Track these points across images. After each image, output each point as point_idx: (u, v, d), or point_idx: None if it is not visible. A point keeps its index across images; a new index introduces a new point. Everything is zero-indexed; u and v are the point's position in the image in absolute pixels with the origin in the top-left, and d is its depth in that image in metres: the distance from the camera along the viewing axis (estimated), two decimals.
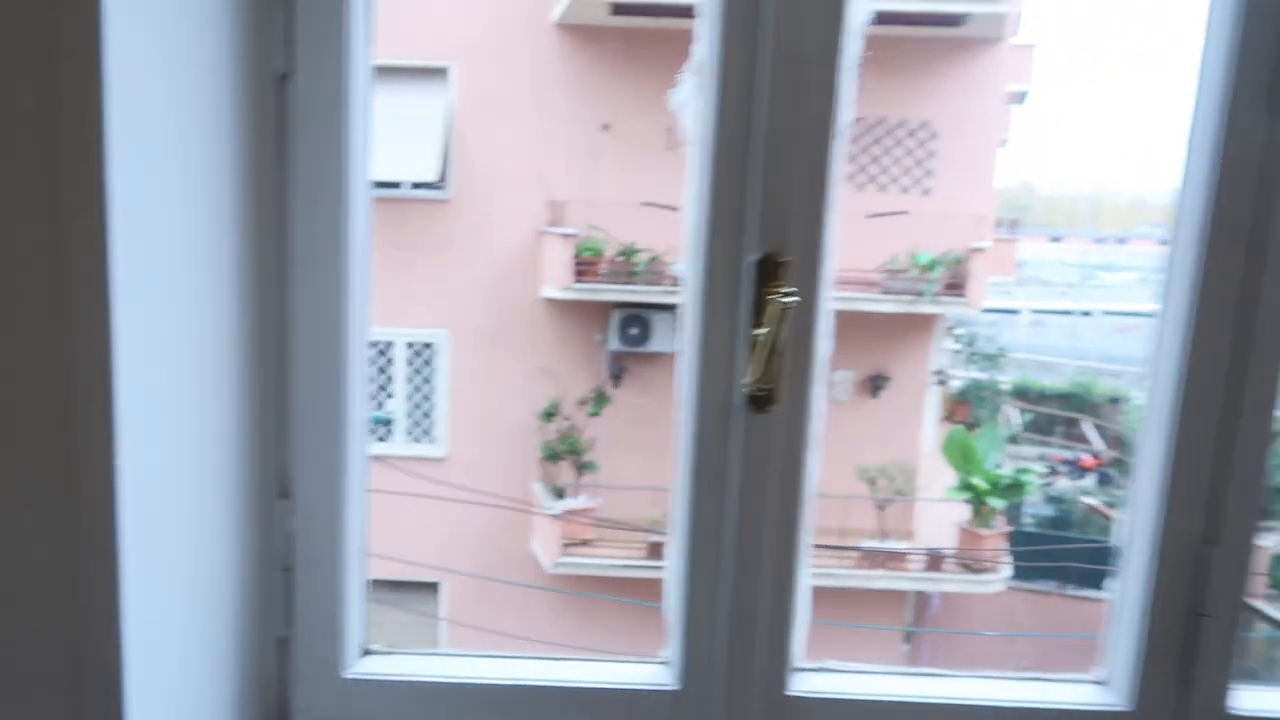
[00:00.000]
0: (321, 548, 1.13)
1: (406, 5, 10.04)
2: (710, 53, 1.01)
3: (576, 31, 10.01)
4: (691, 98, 1.02)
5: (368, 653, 1.21)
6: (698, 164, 1.03)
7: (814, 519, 1.12)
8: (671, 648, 1.17)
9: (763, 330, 1.00)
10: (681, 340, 1.08)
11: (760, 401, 1.04)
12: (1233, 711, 1.14)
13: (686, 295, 1.07)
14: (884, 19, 9.50)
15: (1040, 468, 14.41)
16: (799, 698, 1.16)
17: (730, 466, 1.08)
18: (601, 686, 1.16)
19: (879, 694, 1.18)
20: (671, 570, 1.16)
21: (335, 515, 1.12)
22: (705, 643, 1.14)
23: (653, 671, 1.18)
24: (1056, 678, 1.20)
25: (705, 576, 1.13)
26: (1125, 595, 1.14)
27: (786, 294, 0.99)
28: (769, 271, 1.02)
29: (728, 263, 1.04)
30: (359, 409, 1.13)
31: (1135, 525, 1.13)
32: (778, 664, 1.15)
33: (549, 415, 10.00)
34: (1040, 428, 19.74)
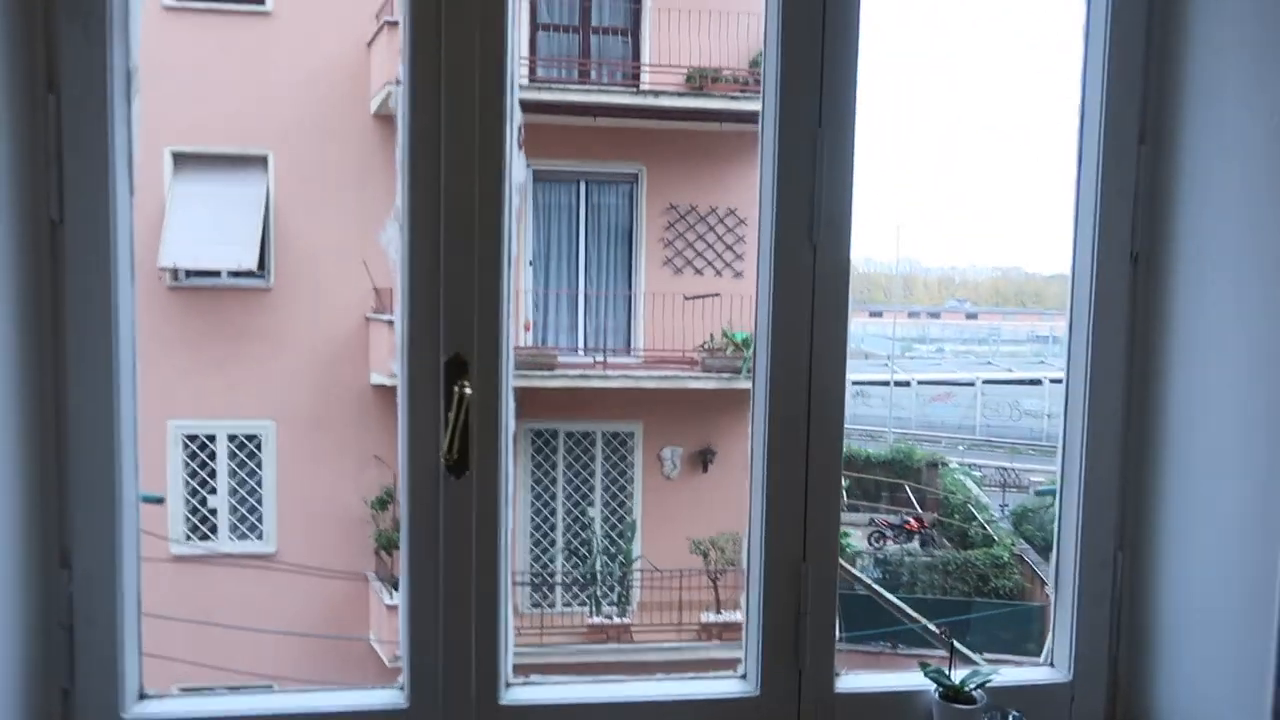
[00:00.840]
0: (99, 607, 1.35)
1: (224, 93, 10.11)
2: (403, 202, 1.34)
3: (393, 122, 10.30)
4: (394, 237, 1.35)
5: (144, 696, 1.41)
6: (402, 287, 1.35)
7: (516, 562, 1.43)
8: (402, 674, 1.44)
9: (452, 413, 1.32)
10: (399, 421, 1.38)
11: (456, 469, 1.35)
12: (839, 690, 1.50)
13: (399, 389, 1.37)
14: (692, 115, 10.29)
15: (859, 533, 15.29)
16: (509, 706, 1.45)
17: (438, 521, 1.38)
18: (340, 710, 1.41)
19: (574, 698, 1.48)
20: (400, 609, 1.43)
21: (111, 579, 1.35)
22: (429, 667, 1.42)
23: (388, 695, 1.45)
24: (711, 676, 1.53)
25: (425, 613, 1.41)
26: (749, 606, 1.50)
27: (467, 385, 1.31)
28: (457, 368, 1.34)
29: (426, 362, 1.35)
30: (130, 487, 1.37)
31: (751, 551, 1.49)
32: (489, 681, 1.44)
33: (383, 503, 9.97)
34: (868, 494, 20.90)
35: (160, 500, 8.99)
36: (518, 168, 1.36)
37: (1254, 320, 1.36)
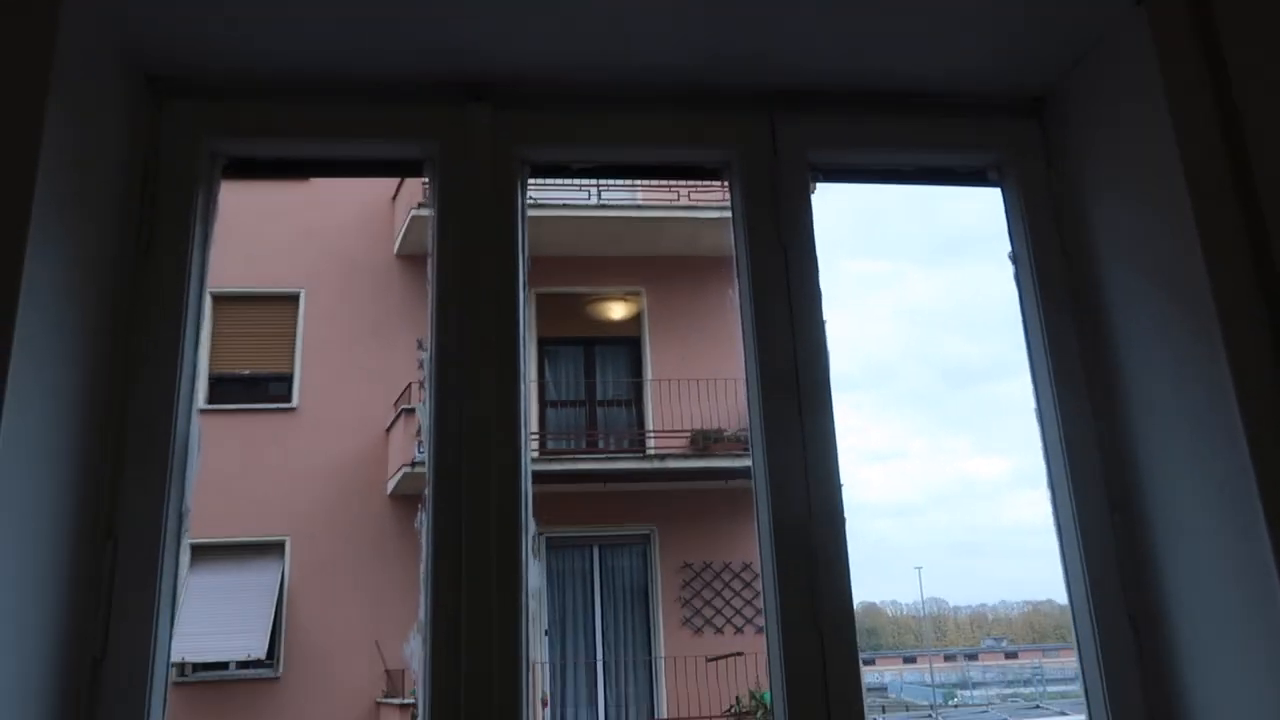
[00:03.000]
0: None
1: (246, 484, 10.50)
2: (425, 614, 1.42)
3: (408, 503, 10.63)
4: (416, 649, 1.41)
5: None
6: (423, 698, 1.39)
7: None
8: None
9: None
10: None
11: None
12: None
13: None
14: (698, 475, 10.61)
15: None
16: None
17: None
18: None
19: None
20: None
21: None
22: None
23: None
24: None
25: None
26: None
27: None
28: None
29: None
30: None
31: None
32: None
33: None
34: None
35: None
36: (534, 574, 1.45)
37: (1262, 677, 1.37)
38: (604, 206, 11.52)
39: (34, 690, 1.25)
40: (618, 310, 11.92)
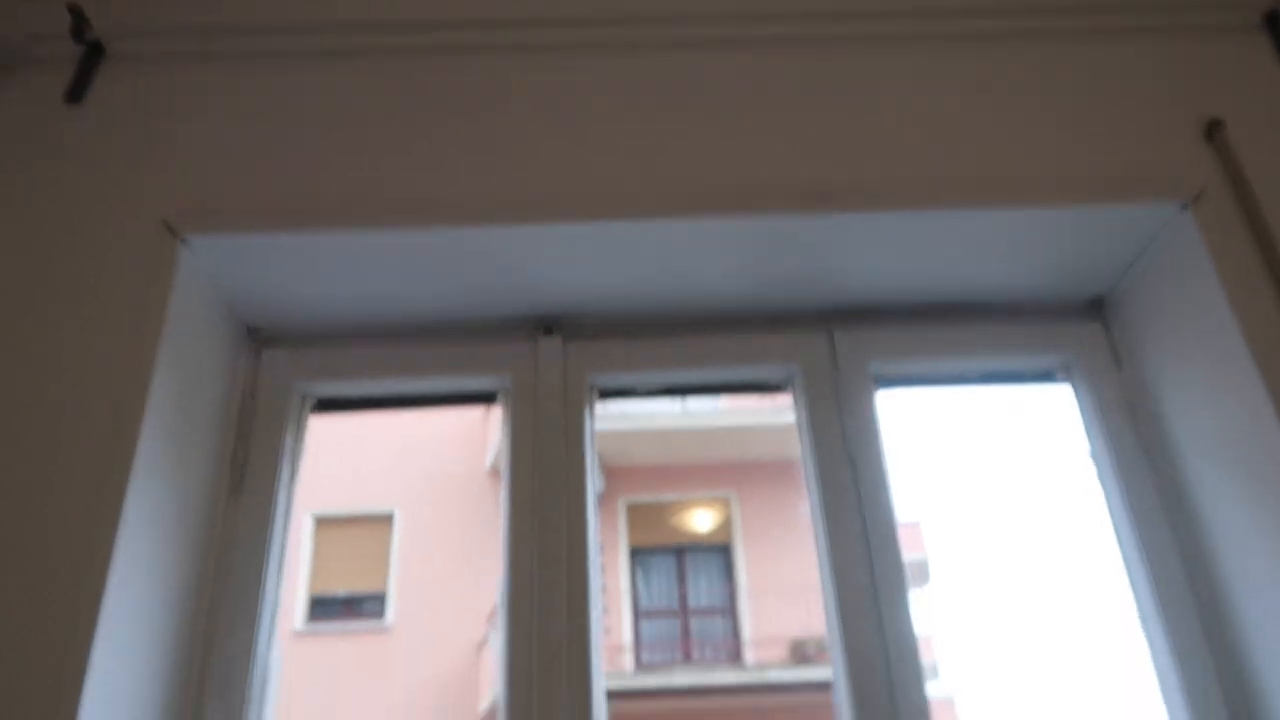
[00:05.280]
0: None
1: (343, 703, 10.38)
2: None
3: None
4: None
5: None
6: None
7: None
8: None
9: None
10: None
11: None
12: None
13: None
14: (799, 689, 10.05)
15: None
16: None
17: None
18: None
19: None
20: None
21: None
22: None
23: None
24: None
25: None
26: None
27: None
28: None
29: None
30: None
31: None
32: None
33: None
34: None
35: None
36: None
37: None
38: (690, 415, 11.66)
39: None
40: (704, 520, 11.80)
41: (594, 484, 1.69)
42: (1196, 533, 1.63)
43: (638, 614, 11.41)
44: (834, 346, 1.80)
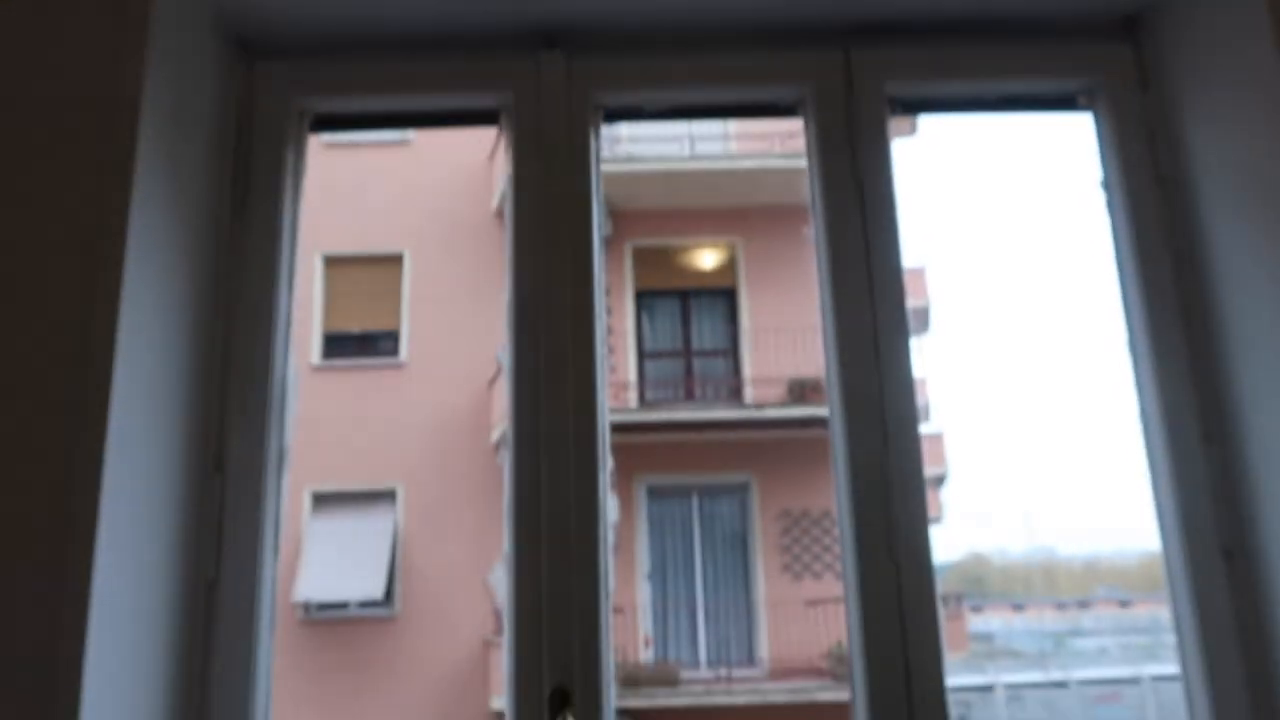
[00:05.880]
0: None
1: (361, 435, 10.96)
2: (510, 546, 1.48)
3: None
4: (501, 578, 1.48)
5: None
6: (508, 624, 1.46)
7: None
8: None
9: None
10: None
11: None
12: None
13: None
14: (795, 424, 10.57)
15: None
16: None
17: None
18: None
19: None
20: None
21: None
22: None
23: None
24: None
25: None
26: None
27: (570, 716, 1.38)
28: (561, 699, 1.41)
29: (532, 695, 1.43)
30: None
31: None
32: None
33: None
34: None
35: None
36: (611, 508, 1.51)
37: None
38: (697, 158, 11.44)
39: (155, 610, 1.37)
40: (709, 258, 11.88)
41: (599, 208, 1.68)
42: (1198, 262, 1.64)
43: (643, 355, 11.78)
44: (849, 66, 1.73)
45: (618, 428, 10.44)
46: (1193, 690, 1.56)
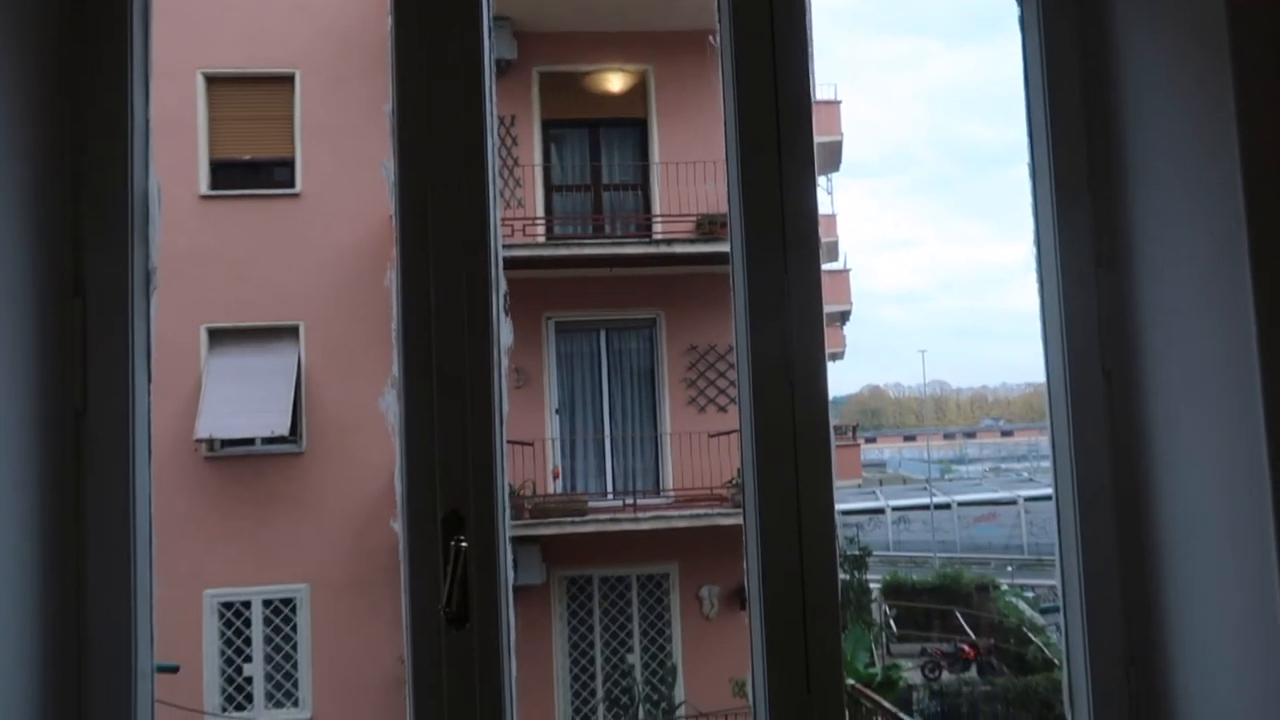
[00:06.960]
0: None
1: (258, 270, 10.58)
2: (399, 371, 1.43)
3: None
4: (391, 403, 1.44)
5: None
6: (400, 449, 1.43)
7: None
8: None
9: (449, 567, 1.37)
10: (401, 577, 1.44)
11: (457, 621, 1.39)
12: None
13: (400, 545, 1.43)
14: (703, 260, 10.60)
15: (911, 663, 14.77)
16: None
17: (441, 674, 1.41)
18: None
19: None
20: None
21: None
22: None
23: None
24: None
25: None
26: None
27: (461, 541, 1.37)
28: (454, 523, 1.40)
29: (425, 519, 1.42)
30: (146, 657, 1.42)
31: (756, 687, 1.50)
32: None
33: None
34: (918, 623, 20.17)
35: (175, 669, 8.92)
36: (505, 332, 1.46)
37: (1231, 437, 1.38)
38: None
39: (19, 441, 1.29)
40: (617, 82, 11.48)
41: (489, 20, 1.55)
42: (1109, 83, 1.61)
43: (550, 188, 11.51)
44: None
45: (525, 262, 10.31)
46: (1062, 507, 1.64)
